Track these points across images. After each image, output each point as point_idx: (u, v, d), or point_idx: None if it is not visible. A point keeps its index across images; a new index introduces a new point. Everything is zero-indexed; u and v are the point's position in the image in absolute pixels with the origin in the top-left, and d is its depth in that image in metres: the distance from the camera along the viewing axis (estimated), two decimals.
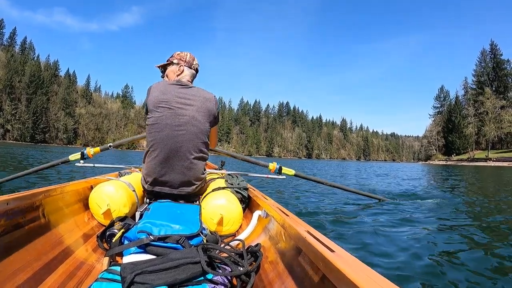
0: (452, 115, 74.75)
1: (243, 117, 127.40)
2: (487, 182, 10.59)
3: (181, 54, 1.81)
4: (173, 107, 1.59)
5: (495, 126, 62.62)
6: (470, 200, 5.13)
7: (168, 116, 1.58)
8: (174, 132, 1.57)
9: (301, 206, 3.82)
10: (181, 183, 1.62)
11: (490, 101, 63.37)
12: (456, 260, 1.97)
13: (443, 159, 68.81)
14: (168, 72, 1.80)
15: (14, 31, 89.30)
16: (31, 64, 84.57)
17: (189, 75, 1.79)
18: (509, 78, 68.25)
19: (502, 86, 67.75)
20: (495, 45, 72.27)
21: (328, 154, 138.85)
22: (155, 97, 1.60)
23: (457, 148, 71.20)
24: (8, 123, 76.13)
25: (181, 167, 1.60)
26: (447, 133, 75.10)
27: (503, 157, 51.72)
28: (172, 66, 1.79)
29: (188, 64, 1.79)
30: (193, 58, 1.83)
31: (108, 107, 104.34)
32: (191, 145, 1.60)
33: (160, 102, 1.59)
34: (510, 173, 20.24)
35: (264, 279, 1.05)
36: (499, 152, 59.58)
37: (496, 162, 48.04)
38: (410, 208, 4.02)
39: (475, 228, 2.95)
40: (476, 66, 74.73)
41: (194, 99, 1.64)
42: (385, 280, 0.60)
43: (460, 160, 61.01)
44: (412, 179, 10.73)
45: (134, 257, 1.08)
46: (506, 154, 54.83)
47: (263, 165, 3.00)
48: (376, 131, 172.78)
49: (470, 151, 66.74)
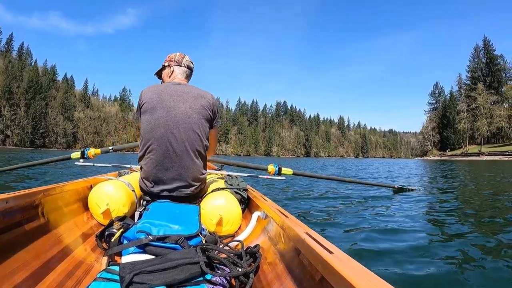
0: (446, 111, 75.80)
1: (241, 117, 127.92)
2: (476, 175, 10.93)
3: (170, 55, 1.81)
4: (164, 106, 1.55)
5: (486, 121, 63.80)
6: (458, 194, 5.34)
7: (162, 115, 1.54)
8: (168, 131, 1.53)
9: (301, 206, 3.86)
10: (178, 184, 1.56)
11: (482, 97, 64.45)
12: (457, 262, 1.94)
13: (438, 155, 69.73)
14: (163, 77, 1.82)
15: (11, 36, 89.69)
16: (29, 70, 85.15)
17: (180, 73, 1.75)
18: (502, 73, 69.10)
19: (496, 81, 68.63)
20: (488, 40, 73.27)
21: (326, 152, 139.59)
22: (147, 98, 1.58)
23: (452, 143, 72.24)
24: (8, 129, 76.75)
25: (178, 168, 1.54)
26: (442, 128, 76.22)
27: (495, 151, 52.94)
28: (165, 70, 1.80)
29: (177, 63, 1.76)
30: (182, 56, 1.80)
31: (107, 111, 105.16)
32: (186, 144, 1.54)
33: (153, 102, 1.56)
34: (497, 165, 21.04)
35: (262, 280, 1.05)
36: (493, 146, 60.48)
37: (488, 156, 48.99)
38: (410, 200, 4.20)
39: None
40: (470, 62, 75.80)
41: (187, 96, 1.59)
42: (384, 282, 0.60)
43: (454, 155, 61.92)
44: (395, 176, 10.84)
45: (133, 257, 1.08)
46: (499, 148, 55.85)
47: (262, 168, 2.97)
48: (374, 128, 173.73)
49: (464, 146, 67.74)
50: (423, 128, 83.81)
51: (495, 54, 71.36)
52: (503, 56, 70.63)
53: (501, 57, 70.71)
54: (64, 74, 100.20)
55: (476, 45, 75.36)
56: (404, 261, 1.90)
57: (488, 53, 71.95)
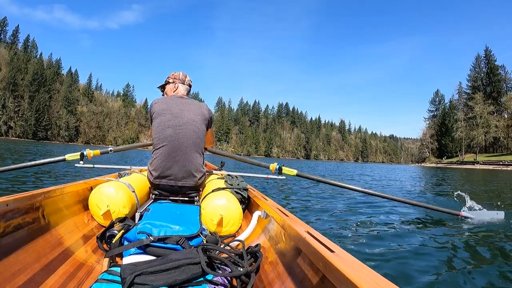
0: (446, 119, 76.23)
1: (243, 117, 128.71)
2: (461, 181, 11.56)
3: (175, 74, 2.14)
4: (173, 112, 1.89)
5: (483, 131, 64.42)
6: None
7: (170, 119, 1.86)
8: (176, 131, 1.84)
9: (301, 205, 3.85)
10: (184, 174, 1.83)
11: (479, 107, 65.04)
12: (458, 262, 1.95)
13: (434, 162, 70.34)
14: (167, 90, 2.14)
15: (17, 28, 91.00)
16: (34, 62, 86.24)
17: (183, 90, 2.11)
18: (502, 83, 69.49)
19: (496, 91, 69.01)
20: (489, 50, 73.54)
21: (326, 155, 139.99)
22: (158, 107, 1.91)
23: (449, 151, 72.68)
24: (11, 120, 77.84)
25: (183, 160, 1.82)
26: (440, 136, 76.64)
27: (490, 161, 53.53)
28: (169, 85, 2.12)
29: (181, 81, 2.11)
30: (185, 75, 2.15)
31: (109, 106, 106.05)
32: (191, 142, 1.85)
33: (163, 110, 1.89)
34: (487, 174, 21.47)
35: (264, 280, 1.05)
36: (491, 155, 60.88)
37: (483, 165, 49.61)
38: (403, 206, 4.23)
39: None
40: (471, 71, 76.10)
41: (190, 107, 1.94)
42: (386, 280, 0.60)
43: (450, 163, 62.50)
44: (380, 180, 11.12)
45: (134, 258, 1.08)
46: (494, 157, 56.28)
47: (264, 165, 2.96)
48: (375, 133, 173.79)
49: (460, 155, 68.31)
50: (422, 135, 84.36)
51: (496, 64, 71.73)
52: (505, 66, 71.08)
53: (502, 67, 71.16)
54: (68, 68, 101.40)
55: (478, 55, 75.76)
56: (405, 260, 1.91)
57: (489, 63, 72.28)
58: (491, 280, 1.73)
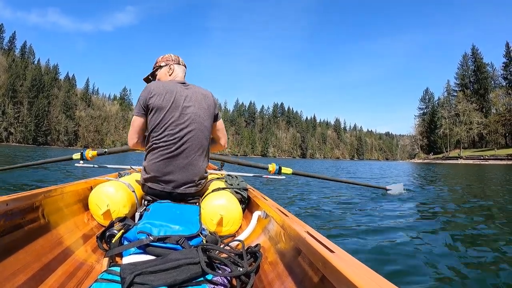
0: (434, 116, 78.38)
1: (239, 118, 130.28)
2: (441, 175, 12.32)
3: (165, 56, 1.81)
4: (176, 105, 1.58)
5: (466, 128, 66.91)
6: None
7: (172, 114, 1.57)
8: (179, 130, 1.57)
9: (301, 205, 3.87)
10: (185, 181, 1.60)
11: (461, 104, 67.50)
12: (458, 262, 1.94)
13: (422, 157, 72.67)
14: (160, 76, 1.78)
15: (13, 35, 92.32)
16: (32, 68, 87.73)
17: (181, 71, 1.79)
18: (490, 80, 71.57)
19: (483, 88, 71.10)
20: (476, 49, 75.63)
21: (322, 154, 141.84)
22: (157, 95, 1.57)
23: (438, 147, 74.90)
24: (11, 126, 79.45)
25: (186, 165, 1.59)
26: (429, 133, 78.88)
27: (472, 156, 56.03)
28: (162, 69, 1.78)
29: (176, 62, 1.79)
30: (177, 56, 1.83)
31: (107, 110, 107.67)
32: (196, 143, 1.60)
33: (162, 100, 1.56)
34: (468, 168, 22.52)
35: (263, 280, 1.05)
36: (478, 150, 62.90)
37: (466, 160, 51.93)
38: (407, 198, 4.46)
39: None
40: (458, 69, 78.22)
41: (195, 98, 1.64)
42: (385, 281, 0.59)
43: (436, 158, 64.87)
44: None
45: (134, 258, 1.08)
46: (477, 153, 58.45)
47: (263, 167, 2.96)
48: (370, 131, 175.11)
49: (445, 151, 70.85)
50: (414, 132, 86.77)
51: (484, 62, 73.80)
52: (493, 63, 73.16)
53: (490, 64, 73.25)
54: (66, 73, 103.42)
55: (465, 53, 77.92)
56: (405, 260, 1.90)
57: (476, 61, 74.35)
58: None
